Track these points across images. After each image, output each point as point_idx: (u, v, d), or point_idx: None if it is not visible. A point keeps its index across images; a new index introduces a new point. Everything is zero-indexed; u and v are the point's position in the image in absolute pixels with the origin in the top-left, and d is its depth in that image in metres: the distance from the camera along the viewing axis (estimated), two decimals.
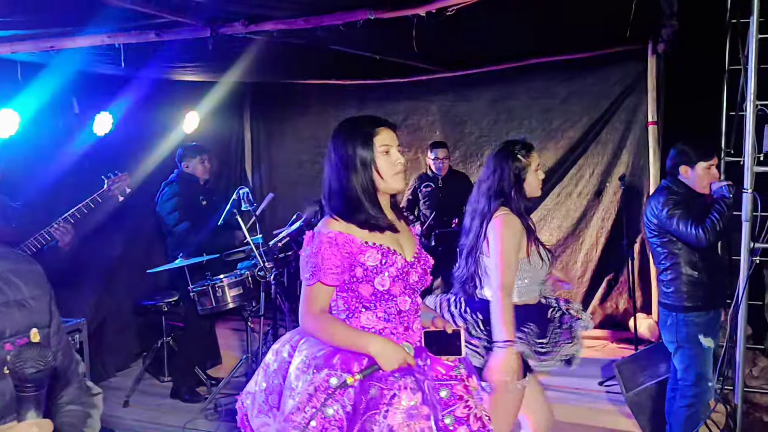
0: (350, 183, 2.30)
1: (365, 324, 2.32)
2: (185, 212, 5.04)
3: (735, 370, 4.47)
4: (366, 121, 2.39)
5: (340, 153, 2.33)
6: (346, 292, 2.32)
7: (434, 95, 6.91)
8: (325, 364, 2.21)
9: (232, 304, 4.83)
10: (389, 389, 2.20)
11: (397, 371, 2.22)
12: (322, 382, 2.18)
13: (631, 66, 6.10)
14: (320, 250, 2.25)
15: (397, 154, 2.35)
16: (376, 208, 2.32)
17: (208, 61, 5.57)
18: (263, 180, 7.98)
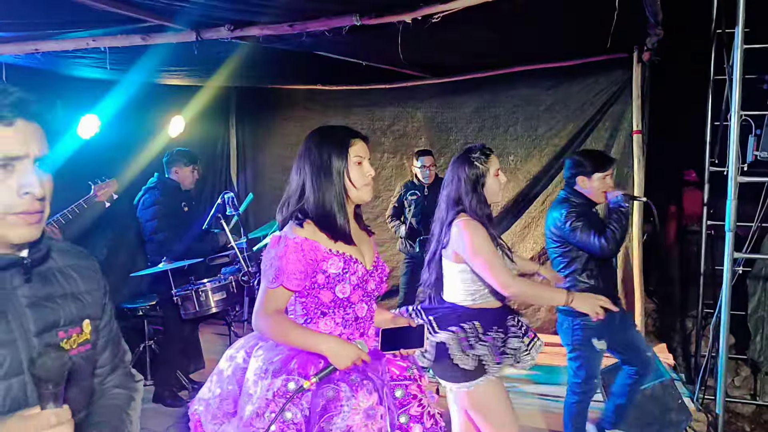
0: (322, 190, 2.33)
1: (323, 329, 2.34)
2: (166, 220, 4.96)
3: (717, 380, 4.47)
4: (341, 131, 2.43)
5: (315, 160, 2.35)
6: (306, 298, 2.34)
7: (420, 102, 6.91)
8: (283, 368, 2.23)
9: (215, 308, 4.82)
10: (346, 390, 2.22)
11: (353, 372, 2.25)
12: (281, 387, 2.19)
13: (616, 74, 6.10)
14: (286, 254, 2.26)
15: (368, 166, 2.40)
16: (344, 217, 2.35)
17: (194, 66, 5.57)
18: (248, 185, 7.96)
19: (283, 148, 7.69)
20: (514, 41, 5.25)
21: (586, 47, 5.64)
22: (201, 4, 3.73)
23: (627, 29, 4.94)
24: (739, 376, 6.32)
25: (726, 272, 4.28)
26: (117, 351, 1.74)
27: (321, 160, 2.33)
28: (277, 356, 2.28)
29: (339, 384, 2.22)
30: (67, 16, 3.90)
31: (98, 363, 1.65)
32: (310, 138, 2.42)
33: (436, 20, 3.76)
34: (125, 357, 1.79)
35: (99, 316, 1.61)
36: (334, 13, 3.90)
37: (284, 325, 2.29)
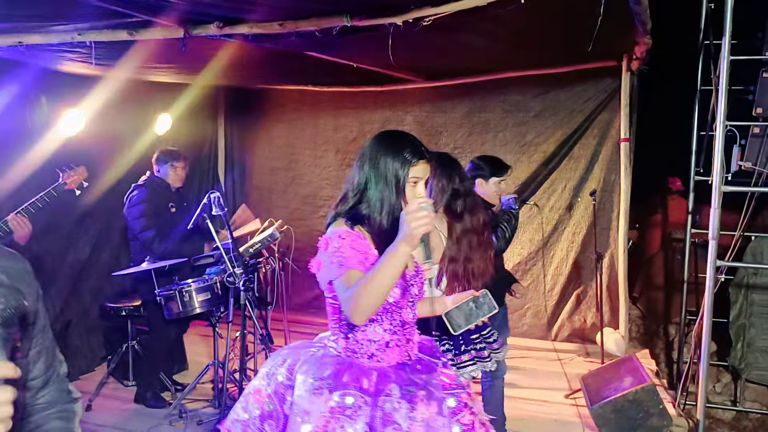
0: (380, 198, 2.26)
1: (371, 337, 2.29)
2: (152, 219, 4.93)
3: (698, 386, 4.51)
4: (409, 147, 2.29)
5: (377, 167, 2.27)
6: None
7: (410, 106, 6.91)
8: (336, 384, 2.18)
9: (199, 309, 4.74)
10: (407, 402, 2.18)
11: (409, 385, 2.22)
12: (339, 402, 2.14)
13: (605, 82, 6.16)
14: (341, 246, 2.19)
15: (421, 188, 2.29)
16: (394, 230, 2.18)
17: (182, 63, 5.47)
18: (236, 185, 7.88)
19: (271, 149, 7.66)
20: (504, 48, 5.25)
21: (575, 55, 5.66)
22: (190, 0, 3.65)
23: (616, 38, 5.00)
24: (720, 383, 6.39)
25: (709, 280, 4.31)
26: (52, 362, 1.63)
27: (384, 169, 2.26)
28: (327, 371, 2.23)
29: (399, 399, 2.18)
30: (53, 9, 3.79)
31: (30, 374, 1.56)
32: (378, 142, 2.34)
33: (427, 23, 3.73)
34: (61, 369, 1.68)
35: (33, 320, 1.53)
36: (325, 13, 3.82)
37: (361, 285, 2.07)
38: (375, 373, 2.22)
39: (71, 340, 5.61)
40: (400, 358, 2.34)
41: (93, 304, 5.76)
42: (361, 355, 2.30)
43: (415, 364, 2.37)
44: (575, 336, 6.40)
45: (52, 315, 5.25)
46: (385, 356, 2.31)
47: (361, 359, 2.30)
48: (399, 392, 2.20)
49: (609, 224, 6.21)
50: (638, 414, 4.37)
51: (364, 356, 2.30)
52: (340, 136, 7.24)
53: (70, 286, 5.64)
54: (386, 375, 2.25)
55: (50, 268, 5.40)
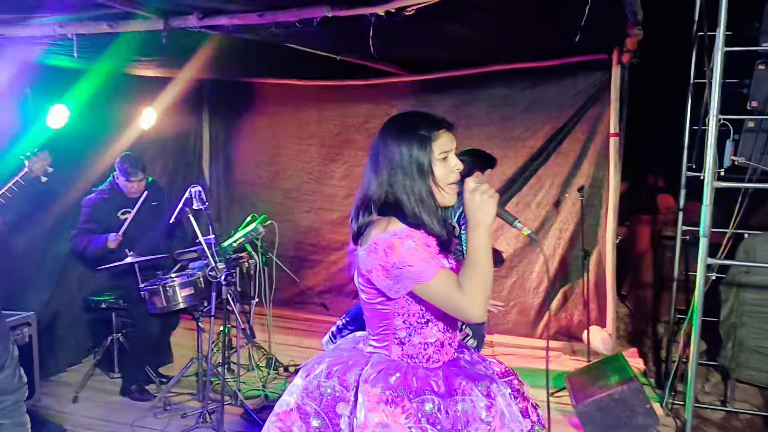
0: (407, 192, 2.09)
1: (428, 339, 2.18)
2: (90, 225, 5.07)
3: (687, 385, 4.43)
4: (424, 121, 2.13)
5: (394, 157, 2.09)
6: (408, 308, 2.14)
7: (395, 99, 6.78)
8: (409, 390, 2.07)
9: (183, 304, 4.81)
10: (484, 396, 2.10)
11: (482, 379, 2.16)
12: (418, 410, 2.03)
13: (595, 76, 6.04)
14: (417, 246, 2.01)
15: (455, 160, 2.13)
16: (438, 223, 2.12)
17: (166, 57, 5.46)
18: (220, 179, 7.88)
19: (254, 143, 7.64)
20: (490, 40, 5.17)
21: (564, 48, 5.58)
22: None
23: (607, 30, 4.90)
24: (710, 382, 6.29)
25: (699, 278, 4.24)
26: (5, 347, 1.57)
27: (401, 160, 2.08)
28: (394, 377, 2.10)
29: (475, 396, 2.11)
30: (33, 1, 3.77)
31: None
32: (387, 131, 2.16)
33: (410, 13, 3.64)
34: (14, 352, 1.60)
35: None
36: (305, 3, 3.76)
37: (471, 278, 1.99)
38: (440, 372, 2.13)
39: (58, 331, 5.71)
40: (450, 354, 2.26)
41: (79, 295, 5.79)
42: (420, 359, 2.19)
43: (466, 359, 2.30)
44: (561, 334, 6.31)
45: (39, 306, 5.33)
46: (441, 356, 2.22)
47: (420, 363, 2.18)
48: (476, 389, 2.11)
49: (597, 221, 6.11)
50: (624, 413, 4.32)
51: (423, 360, 2.19)
52: (324, 130, 7.19)
53: (57, 278, 5.73)
54: (451, 373, 2.17)
55: (37, 260, 5.54)
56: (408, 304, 2.14)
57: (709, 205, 4.14)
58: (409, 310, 2.15)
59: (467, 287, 1.97)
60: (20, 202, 3.98)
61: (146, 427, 4.63)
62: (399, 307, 2.14)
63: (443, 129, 2.13)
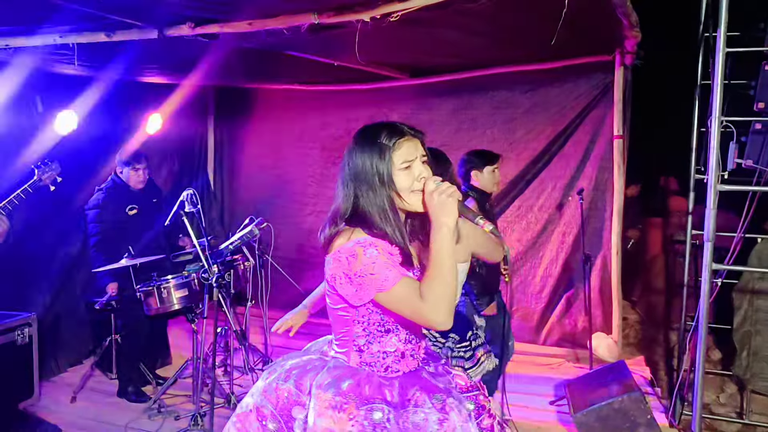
0: (371, 203, 2.04)
1: (387, 349, 2.13)
2: (103, 226, 5.10)
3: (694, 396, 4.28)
4: (385, 130, 2.07)
5: (358, 169, 2.05)
6: (369, 316, 2.10)
7: (396, 103, 6.76)
8: (359, 397, 2.03)
9: (178, 305, 4.83)
10: (437, 411, 2.04)
11: (437, 392, 2.10)
12: (366, 417, 1.99)
13: (597, 78, 5.95)
14: (378, 254, 1.97)
15: (420, 168, 2.06)
16: (400, 235, 2.06)
17: (172, 64, 5.58)
18: (225, 182, 7.99)
19: (258, 147, 7.70)
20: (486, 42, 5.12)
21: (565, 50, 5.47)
22: (161, 1, 3.71)
23: (605, 32, 4.81)
24: (725, 393, 6.12)
25: (704, 284, 4.12)
26: None
27: (363, 170, 2.04)
28: (345, 383, 2.06)
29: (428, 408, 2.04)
30: (34, 13, 3.90)
31: None
32: (353, 143, 2.12)
33: (395, 19, 3.63)
34: None
35: None
36: (292, 11, 3.82)
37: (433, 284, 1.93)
38: (396, 382, 2.08)
39: (60, 332, 5.81)
40: (411, 366, 2.19)
41: (82, 297, 5.89)
42: (378, 368, 2.13)
43: (423, 370, 2.23)
44: (565, 340, 6.18)
45: (43, 307, 5.47)
46: (401, 367, 2.16)
47: (377, 372, 2.13)
48: (429, 401, 2.05)
49: (602, 224, 6.00)
50: (624, 423, 4.19)
51: (380, 369, 2.13)
52: (326, 134, 7.21)
53: (61, 280, 5.85)
54: (407, 384, 2.11)
55: (42, 262, 5.66)
56: (369, 313, 2.09)
57: (713, 208, 4.03)
58: (370, 319, 2.11)
59: (429, 293, 1.92)
60: (28, 206, 4.10)
61: (140, 428, 4.64)
62: (360, 315, 2.10)
63: (405, 137, 2.06)
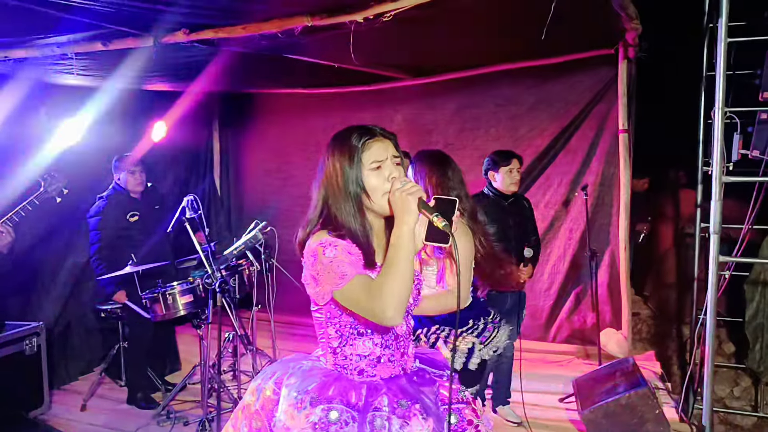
0: (340, 205, 2.05)
1: (361, 352, 2.11)
2: (105, 233, 5.10)
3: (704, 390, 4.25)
4: (355, 132, 2.08)
5: (328, 172, 2.08)
6: (339, 318, 2.10)
7: (399, 104, 6.76)
8: (321, 397, 2.03)
9: (183, 311, 4.84)
10: (398, 417, 2.02)
11: (403, 398, 2.06)
12: (322, 417, 1.98)
13: (601, 72, 5.90)
14: (336, 254, 1.98)
15: (390, 169, 2.05)
16: (366, 236, 2.07)
17: (175, 72, 5.57)
18: (231, 188, 8.02)
19: (264, 152, 7.71)
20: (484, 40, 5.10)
21: (569, 45, 5.45)
22: (154, 9, 3.70)
23: (605, 25, 4.78)
24: (739, 386, 6.06)
25: (711, 276, 4.10)
26: None
27: (333, 171, 2.06)
28: (312, 384, 2.07)
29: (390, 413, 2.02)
30: (32, 24, 3.92)
31: None
32: (327, 147, 2.14)
33: (387, 19, 3.65)
34: None
35: None
36: (285, 14, 3.83)
37: (382, 281, 1.93)
38: (365, 386, 2.06)
39: (70, 341, 5.86)
40: (394, 372, 2.16)
41: (90, 306, 5.93)
42: (351, 371, 2.12)
43: (412, 376, 2.19)
44: (575, 337, 6.14)
45: (52, 317, 5.52)
46: (377, 372, 2.13)
47: (350, 375, 2.12)
48: (389, 406, 2.02)
49: (609, 220, 5.96)
50: (632, 419, 4.16)
51: (353, 372, 2.12)
52: (330, 137, 7.05)
53: (70, 288, 5.90)
54: (377, 388, 2.08)
55: (51, 271, 5.73)
56: (339, 315, 2.09)
57: (718, 200, 4.02)
58: (341, 321, 2.10)
59: (380, 290, 1.91)
60: (35, 216, 4.10)
61: None
62: (331, 316, 2.10)
63: (375, 138, 2.06)
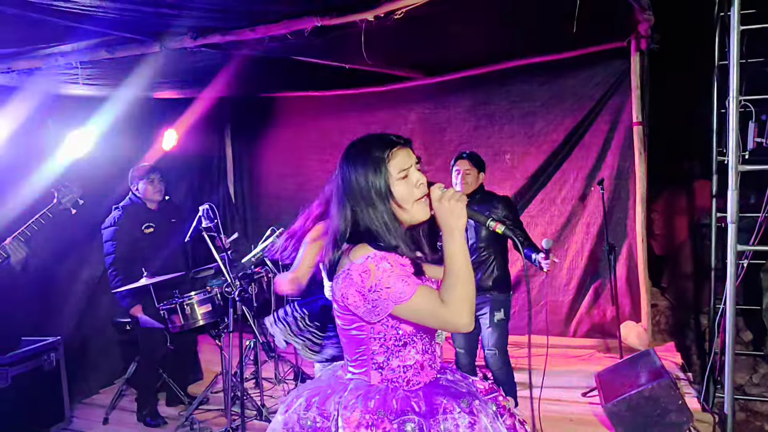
0: (372, 220, 2.02)
1: (407, 363, 2.10)
2: (119, 244, 4.99)
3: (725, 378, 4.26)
4: (376, 142, 2.05)
5: (353, 187, 2.02)
6: (385, 332, 2.07)
7: (413, 103, 6.76)
8: (389, 412, 2.00)
9: (202, 321, 4.78)
10: (467, 414, 2.02)
11: (463, 396, 2.07)
12: (398, 429, 1.97)
13: (614, 65, 5.91)
14: (392, 267, 1.95)
15: (416, 175, 2.03)
16: (407, 248, 2.04)
17: (185, 78, 5.56)
18: (245, 194, 7.95)
19: (278, 155, 7.68)
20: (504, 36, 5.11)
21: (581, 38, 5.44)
22: (159, 13, 3.65)
23: (617, 17, 4.78)
24: (758, 374, 6.07)
25: (730, 266, 4.10)
26: None
27: (359, 185, 2.01)
28: (371, 401, 2.04)
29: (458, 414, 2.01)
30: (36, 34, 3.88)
31: None
32: (344, 159, 2.09)
33: (399, 16, 3.63)
34: None
35: None
36: (295, 15, 3.79)
37: (453, 289, 1.92)
38: (421, 393, 2.06)
39: (89, 354, 5.80)
40: (431, 375, 2.17)
41: (108, 318, 5.84)
42: (401, 383, 2.11)
43: (446, 377, 2.21)
44: (595, 331, 6.14)
45: (69, 331, 5.42)
46: (421, 379, 2.13)
47: (400, 387, 2.11)
48: (458, 406, 2.02)
49: (625, 213, 5.96)
50: (655, 411, 4.15)
51: (403, 383, 2.11)
52: (345, 140, 6.87)
53: (86, 302, 5.81)
54: (432, 393, 2.08)
55: (65, 285, 5.64)
56: (385, 329, 2.07)
57: (735, 189, 4.01)
58: (386, 334, 2.08)
59: (450, 298, 1.91)
60: (49, 229, 4.02)
61: None
62: (376, 331, 2.07)
63: (398, 147, 2.04)
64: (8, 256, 3.86)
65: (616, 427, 4.22)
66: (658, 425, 4.12)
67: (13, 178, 4.82)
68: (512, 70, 6.13)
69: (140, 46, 4.15)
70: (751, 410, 5.76)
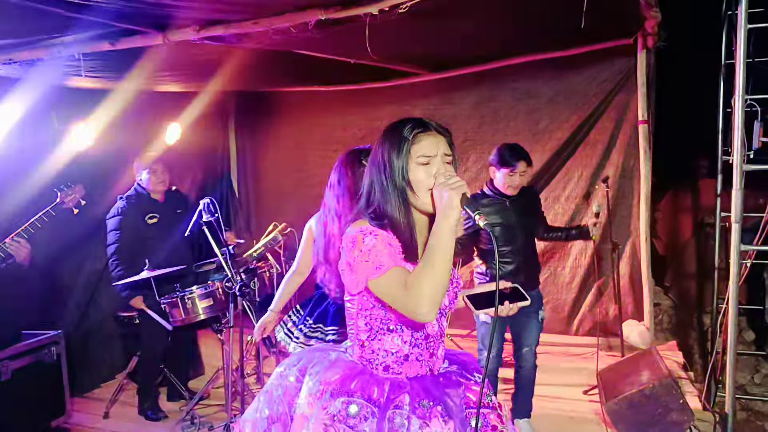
0: (385, 197, 2.04)
1: (389, 348, 2.10)
2: (123, 234, 4.98)
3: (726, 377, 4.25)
4: (408, 124, 2.06)
5: (377, 160, 2.06)
6: (371, 311, 2.09)
7: (417, 99, 6.72)
8: (342, 389, 2.03)
9: (203, 315, 4.78)
10: (418, 417, 1.99)
11: (426, 398, 2.04)
12: (341, 409, 1.99)
13: (620, 62, 5.87)
14: (376, 243, 1.96)
15: (439, 165, 2.01)
16: (409, 231, 2.05)
17: (188, 71, 5.51)
18: (249, 188, 7.96)
19: (280, 151, 7.66)
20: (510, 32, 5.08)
21: (587, 35, 5.42)
22: (162, 5, 3.59)
23: (624, 14, 4.76)
24: (759, 373, 6.07)
25: (733, 265, 4.09)
26: None
27: (382, 159, 2.04)
28: (336, 375, 2.07)
29: (410, 412, 2.00)
30: (36, 25, 3.83)
31: None
32: (380, 137, 2.13)
33: (403, 10, 3.59)
34: None
35: None
36: (298, 8, 3.74)
37: (420, 274, 1.89)
38: (388, 383, 2.05)
39: (91, 348, 5.81)
40: (421, 372, 2.15)
41: (110, 312, 5.87)
42: (376, 365, 2.12)
43: (438, 377, 2.17)
44: (597, 329, 6.11)
45: (70, 325, 5.45)
46: (403, 369, 2.12)
47: (375, 370, 2.12)
48: (410, 405, 2.01)
49: (629, 211, 5.94)
50: (657, 409, 4.15)
51: (379, 367, 2.12)
52: (348, 135, 7.12)
53: (88, 296, 5.84)
54: (400, 386, 2.07)
55: (68, 280, 5.66)
56: (371, 306, 2.09)
57: (739, 189, 4.00)
58: (372, 314, 2.09)
59: (415, 284, 1.88)
60: (51, 223, 4.04)
61: None
62: (363, 307, 2.10)
63: (427, 132, 2.03)
64: (13, 255, 3.89)
65: (617, 425, 4.22)
66: (659, 424, 4.13)
67: (16, 170, 4.80)
68: (518, 66, 6.07)
69: (143, 38, 4.09)
70: (752, 410, 5.76)
